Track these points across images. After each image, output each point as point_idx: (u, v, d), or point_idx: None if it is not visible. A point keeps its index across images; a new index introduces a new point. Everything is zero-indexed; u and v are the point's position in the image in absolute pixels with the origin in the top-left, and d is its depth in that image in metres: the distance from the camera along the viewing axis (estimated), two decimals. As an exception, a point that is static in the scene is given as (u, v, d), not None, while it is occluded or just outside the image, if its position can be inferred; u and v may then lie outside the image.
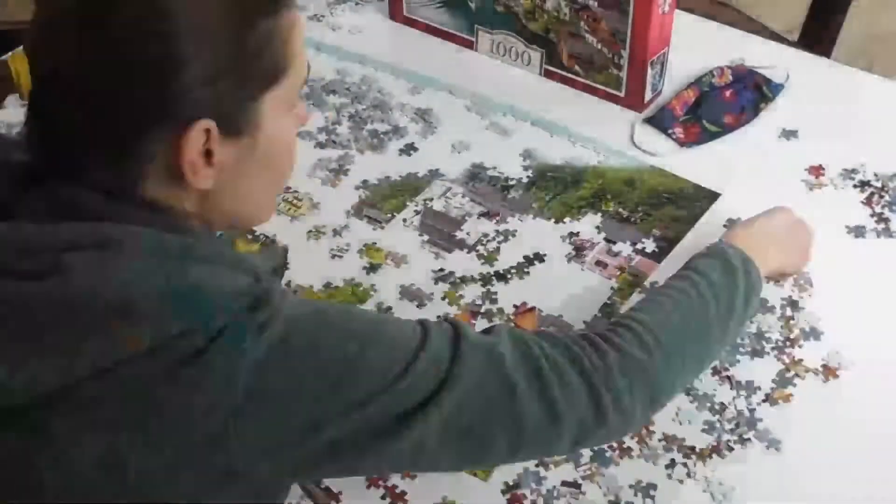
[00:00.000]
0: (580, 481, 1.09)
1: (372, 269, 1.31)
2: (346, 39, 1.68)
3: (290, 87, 0.85)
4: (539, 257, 1.32)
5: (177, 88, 0.77)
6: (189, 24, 0.77)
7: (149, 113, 0.78)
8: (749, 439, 1.12)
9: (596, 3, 1.46)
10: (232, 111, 0.81)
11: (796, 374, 1.17)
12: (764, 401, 1.15)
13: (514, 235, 1.35)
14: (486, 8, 1.59)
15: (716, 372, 1.17)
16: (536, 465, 1.10)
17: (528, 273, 1.30)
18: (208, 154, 0.80)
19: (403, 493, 1.09)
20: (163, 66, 0.76)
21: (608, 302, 1.26)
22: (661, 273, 1.28)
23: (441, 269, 1.31)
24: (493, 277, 1.30)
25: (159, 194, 0.81)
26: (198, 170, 0.80)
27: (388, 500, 1.08)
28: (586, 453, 1.10)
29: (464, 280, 1.29)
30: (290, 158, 0.91)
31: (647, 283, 1.28)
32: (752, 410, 1.14)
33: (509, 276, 1.30)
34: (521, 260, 1.31)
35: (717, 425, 1.13)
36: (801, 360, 1.19)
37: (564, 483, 1.09)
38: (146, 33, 0.76)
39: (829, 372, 1.18)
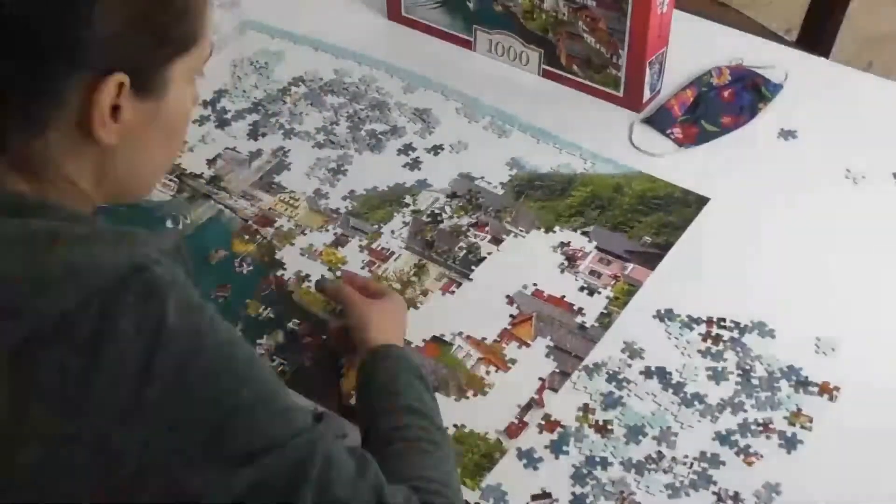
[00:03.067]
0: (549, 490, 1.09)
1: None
2: (344, 39, 1.68)
3: (197, 58, 0.87)
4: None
5: (96, 34, 0.78)
6: None
7: (69, 54, 0.78)
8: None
9: (594, 3, 1.45)
10: (146, 69, 0.83)
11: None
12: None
13: (502, 245, 1.35)
14: (484, 8, 1.58)
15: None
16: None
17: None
18: (115, 110, 0.81)
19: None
20: (82, 9, 0.77)
21: (605, 312, 1.26)
22: (655, 280, 1.29)
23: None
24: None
25: (60, 149, 0.82)
26: (106, 123, 0.81)
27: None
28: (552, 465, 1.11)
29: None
30: (184, 132, 0.93)
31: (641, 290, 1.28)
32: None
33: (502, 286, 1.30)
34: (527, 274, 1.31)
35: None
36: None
37: (535, 497, 1.09)
38: None
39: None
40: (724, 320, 1.23)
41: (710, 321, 1.23)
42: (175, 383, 0.76)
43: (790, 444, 1.12)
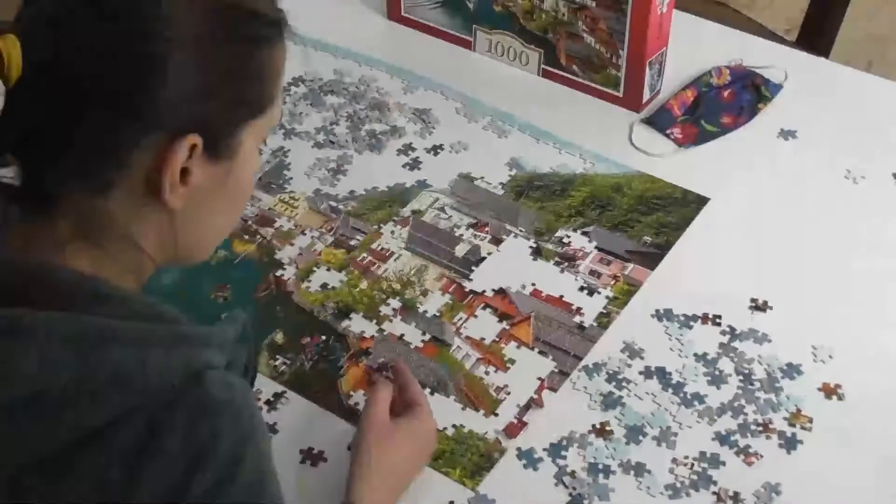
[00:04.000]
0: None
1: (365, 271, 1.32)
2: (344, 39, 1.68)
3: (268, 122, 0.85)
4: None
5: (171, 94, 0.76)
6: (188, 33, 0.77)
7: (142, 113, 0.77)
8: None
9: (594, 3, 1.45)
10: (219, 132, 0.80)
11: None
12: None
13: (502, 245, 1.34)
14: (484, 8, 1.58)
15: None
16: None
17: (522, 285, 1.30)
18: (184, 173, 0.79)
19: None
20: (157, 68, 0.76)
21: (603, 311, 1.26)
22: (655, 280, 1.29)
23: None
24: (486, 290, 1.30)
25: (123, 210, 0.80)
26: (175, 186, 0.79)
27: None
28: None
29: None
30: (247, 198, 0.90)
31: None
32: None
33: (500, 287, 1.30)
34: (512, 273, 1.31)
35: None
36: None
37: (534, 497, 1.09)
38: (148, 32, 0.76)
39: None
40: (724, 320, 1.23)
41: (710, 321, 1.23)
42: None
43: (790, 444, 1.12)
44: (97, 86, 0.76)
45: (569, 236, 1.35)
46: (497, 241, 1.35)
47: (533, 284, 1.29)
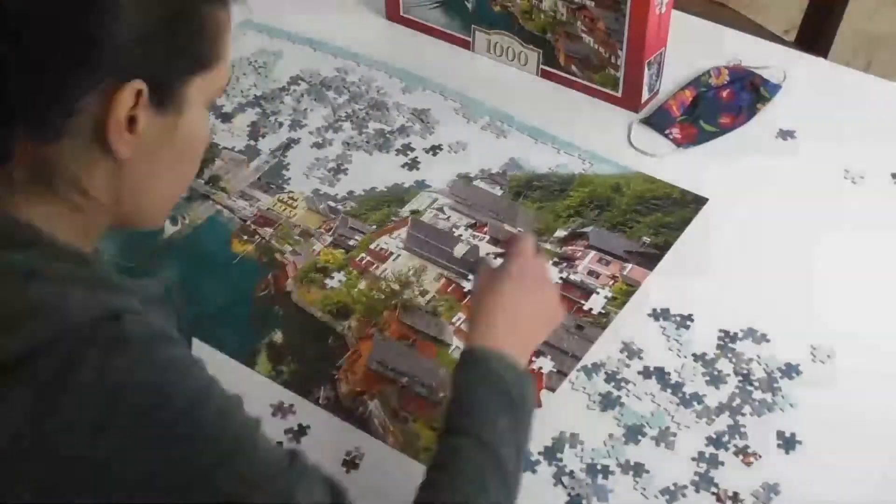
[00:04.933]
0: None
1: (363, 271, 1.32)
2: (343, 39, 1.68)
3: (215, 81, 0.85)
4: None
5: (116, 39, 0.77)
6: None
7: (88, 57, 0.77)
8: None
9: (593, 3, 1.45)
10: (164, 81, 0.81)
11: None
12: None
13: (501, 246, 1.34)
14: (482, 8, 1.58)
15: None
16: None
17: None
18: (132, 121, 0.80)
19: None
20: (105, 11, 0.76)
21: (602, 312, 1.26)
22: (653, 281, 1.29)
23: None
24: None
25: (74, 159, 0.80)
26: (121, 132, 0.79)
27: None
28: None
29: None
30: (198, 158, 0.90)
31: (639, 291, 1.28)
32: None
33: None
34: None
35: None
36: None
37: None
38: None
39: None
40: (722, 320, 1.24)
41: (708, 321, 1.23)
42: (132, 440, 0.74)
43: (789, 443, 1.12)
44: (46, 31, 0.76)
45: (567, 237, 1.35)
46: (496, 241, 1.35)
47: (532, 284, 1.29)
